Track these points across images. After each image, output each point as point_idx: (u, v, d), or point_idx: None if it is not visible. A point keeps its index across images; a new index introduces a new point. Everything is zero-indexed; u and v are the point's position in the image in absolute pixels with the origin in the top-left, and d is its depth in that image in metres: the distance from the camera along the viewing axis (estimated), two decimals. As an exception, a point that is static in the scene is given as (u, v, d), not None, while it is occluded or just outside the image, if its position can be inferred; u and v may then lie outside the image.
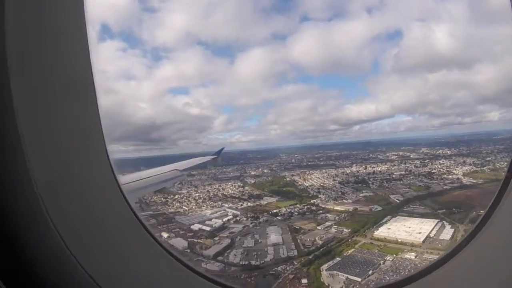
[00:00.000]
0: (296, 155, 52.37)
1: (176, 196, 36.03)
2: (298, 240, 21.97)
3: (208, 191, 37.05)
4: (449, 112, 64.42)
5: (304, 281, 17.11)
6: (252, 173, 44.13)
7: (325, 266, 18.20)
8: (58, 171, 1.23)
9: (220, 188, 37.84)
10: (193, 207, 32.81)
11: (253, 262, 19.95)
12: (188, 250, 22.72)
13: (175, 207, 33.05)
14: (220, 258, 21.14)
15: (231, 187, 38.02)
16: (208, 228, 26.27)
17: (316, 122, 70.10)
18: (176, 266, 1.41)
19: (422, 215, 21.70)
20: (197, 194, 36.18)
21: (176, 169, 7.00)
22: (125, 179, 4.70)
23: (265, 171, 44.48)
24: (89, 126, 1.28)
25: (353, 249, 19.61)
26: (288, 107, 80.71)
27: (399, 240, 19.36)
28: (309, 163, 45.15)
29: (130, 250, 1.37)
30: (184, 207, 32.89)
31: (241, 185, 38.33)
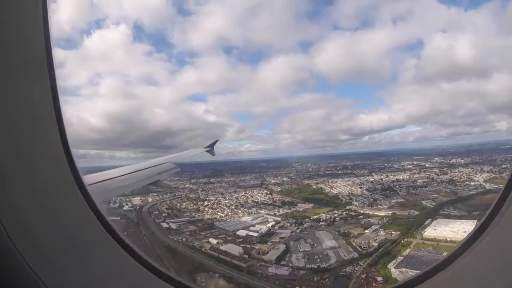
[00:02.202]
0: (309, 165, 54.56)
1: (206, 203, 36.53)
2: (353, 243, 23.67)
3: (236, 198, 37.79)
4: (460, 121, 64.62)
5: (379, 278, 18.78)
6: (272, 181, 45.53)
7: (391, 265, 20.05)
8: (4, 159, 1.14)
9: (247, 195, 38.75)
10: (229, 213, 33.44)
11: (319, 265, 21.25)
12: (246, 256, 23.45)
13: (209, 213, 33.44)
14: (282, 262, 22.14)
15: (259, 194, 39.08)
16: (255, 234, 27.13)
17: (328, 132, 72.05)
18: (135, 266, 1.33)
19: (460, 217, 24.54)
20: (226, 201, 36.79)
21: (170, 161, 7.05)
22: (119, 171, 4.91)
23: (284, 179, 46.09)
24: (44, 113, 1.19)
25: (409, 249, 21.73)
26: (302, 115, 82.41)
27: (448, 239, 21.82)
28: (327, 172, 47.52)
29: (86, 249, 1.29)
30: (219, 213, 33.39)
31: (268, 192, 39.55)
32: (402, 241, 23.00)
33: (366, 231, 25.48)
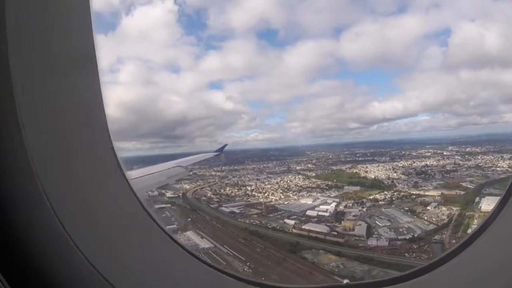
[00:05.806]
0: (323, 153, 58.33)
1: (249, 188, 37.05)
2: (425, 217, 27.70)
3: (276, 182, 39.09)
4: (472, 111, 65.59)
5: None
6: (298, 167, 47.89)
7: (469, 231, 24.45)
8: (56, 148, 1.26)
9: (285, 180, 40.34)
10: (281, 196, 34.68)
11: (411, 236, 24.59)
12: (335, 233, 25.49)
13: (261, 197, 34.20)
14: (374, 236, 24.88)
15: (296, 179, 41.01)
16: (326, 214, 29.22)
17: (338, 120, 73.39)
18: (183, 255, 1.48)
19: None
20: (268, 186, 37.88)
21: (180, 166, 7.55)
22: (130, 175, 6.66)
23: (309, 165, 48.85)
24: (90, 104, 1.31)
25: (476, 220, 26.56)
26: (316, 103, 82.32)
27: (504, 211, 27.40)
28: (348, 159, 51.83)
29: (133, 237, 1.42)
30: (271, 196, 34.43)
31: (304, 177, 41.75)
32: (466, 214, 27.83)
33: (428, 207, 29.81)
